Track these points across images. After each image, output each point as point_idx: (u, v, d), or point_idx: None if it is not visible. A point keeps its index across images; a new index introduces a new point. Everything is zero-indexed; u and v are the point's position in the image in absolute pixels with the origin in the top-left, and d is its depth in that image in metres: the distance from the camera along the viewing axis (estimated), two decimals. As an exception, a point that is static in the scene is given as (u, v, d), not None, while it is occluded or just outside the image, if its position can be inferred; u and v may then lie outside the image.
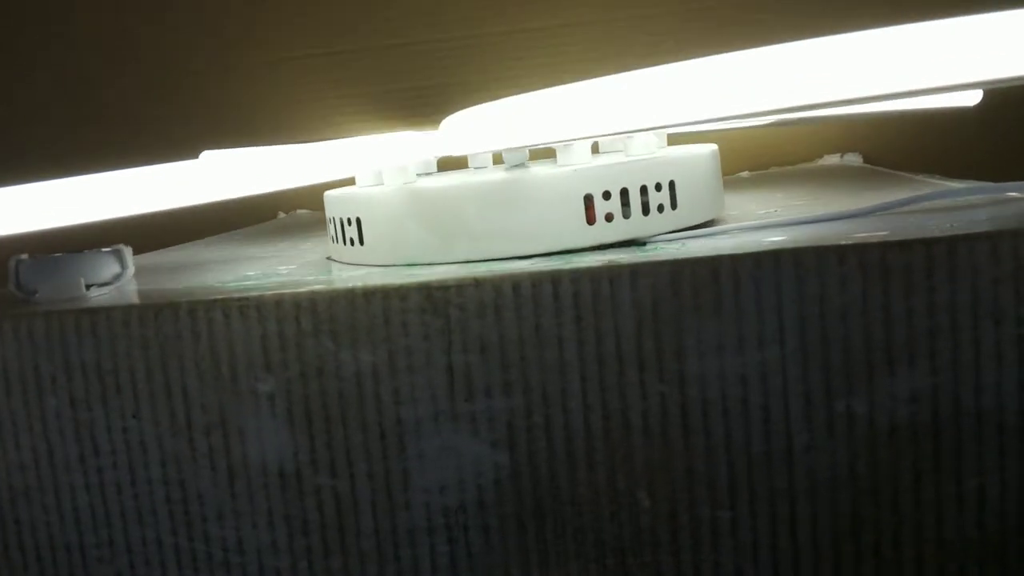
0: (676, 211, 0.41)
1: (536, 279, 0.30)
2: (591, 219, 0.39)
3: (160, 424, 0.32)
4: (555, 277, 0.30)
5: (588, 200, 0.39)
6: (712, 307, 0.29)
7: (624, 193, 0.39)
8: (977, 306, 0.28)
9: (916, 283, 0.28)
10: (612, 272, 0.29)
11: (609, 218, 0.39)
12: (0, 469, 0.34)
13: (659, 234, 0.39)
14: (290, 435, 0.31)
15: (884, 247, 0.28)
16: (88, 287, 0.36)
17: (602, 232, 0.39)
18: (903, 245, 0.28)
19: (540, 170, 0.37)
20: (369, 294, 0.30)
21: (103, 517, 0.33)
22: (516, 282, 0.30)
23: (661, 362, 0.29)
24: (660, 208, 0.40)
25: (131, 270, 0.38)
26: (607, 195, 0.39)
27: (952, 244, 0.28)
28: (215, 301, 0.31)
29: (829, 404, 0.29)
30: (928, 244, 0.28)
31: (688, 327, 0.29)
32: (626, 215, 0.39)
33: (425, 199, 0.36)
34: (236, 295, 0.31)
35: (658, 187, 0.40)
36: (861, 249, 0.28)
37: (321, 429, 0.31)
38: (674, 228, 0.41)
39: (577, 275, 0.29)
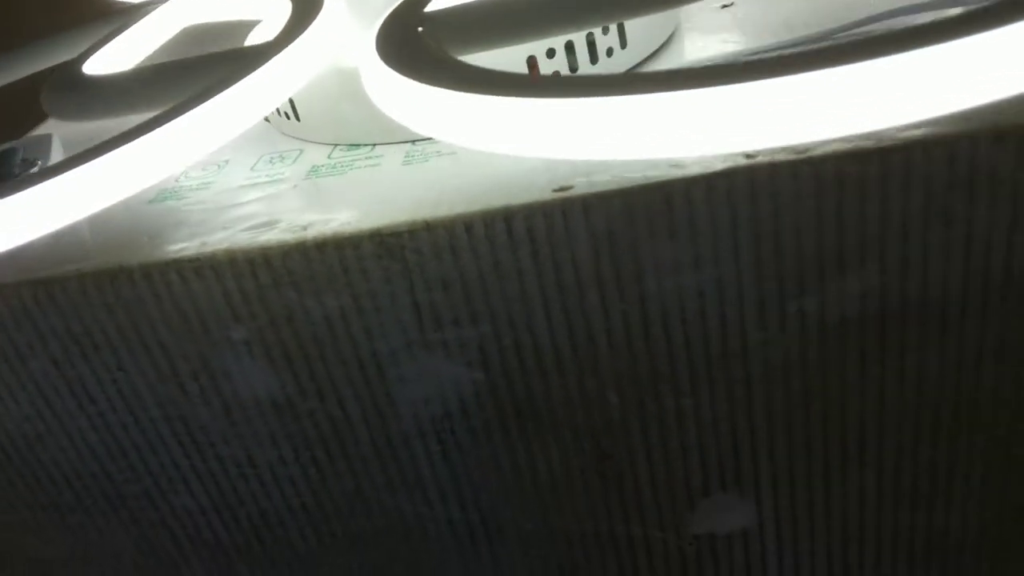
0: (627, 49, 0.38)
1: (488, 218, 0.29)
2: (536, 81, 0.36)
3: (147, 375, 0.33)
4: (507, 215, 0.29)
5: (531, 62, 0.36)
6: (667, 232, 0.29)
7: (569, 46, 0.36)
8: (929, 210, 0.28)
9: (870, 192, 0.27)
10: (564, 205, 0.29)
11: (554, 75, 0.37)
12: (8, 422, 0.35)
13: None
14: (274, 373, 0.33)
15: (839, 159, 0.27)
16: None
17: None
18: (859, 156, 0.27)
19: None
20: (320, 245, 0.30)
21: (118, 450, 0.36)
22: (468, 223, 0.29)
23: (620, 284, 0.30)
24: (609, 52, 0.37)
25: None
26: (551, 52, 0.36)
27: (909, 152, 0.27)
28: (168, 263, 0.31)
29: (782, 306, 0.30)
30: (884, 154, 0.27)
31: (644, 252, 0.29)
32: (573, 67, 0.37)
33: (356, 79, 0.34)
34: (187, 255, 0.31)
35: (605, 30, 0.37)
36: (817, 162, 0.27)
37: (302, 367, 0.33)
38: (627, 67, 0.39)
39: (530, 211, 0.29)
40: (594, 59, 0.37)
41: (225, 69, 0.31)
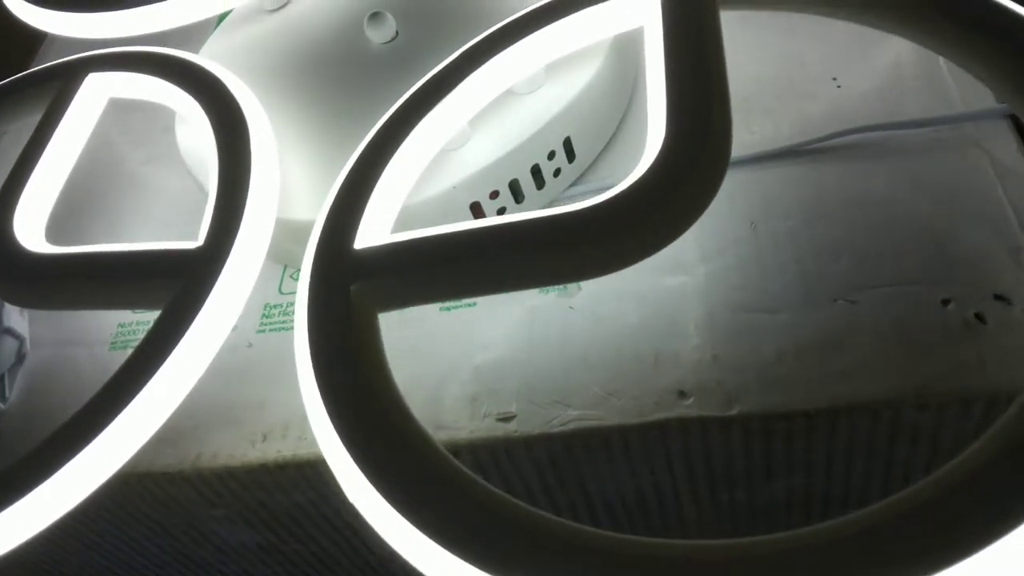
0: (574, 162, 0.36)
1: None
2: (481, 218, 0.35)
3: (148, 532, 0.37)
4: (455, 449, 0.30)
5: (475, 207, 0.35)
6: (606, 459, 0.30)
7: (514, 184, 0.35)
8: (853, 449, 0.29)
9: (797, 440, 0.29)
10: (508, 443, 0.30)
11: (502, 211, 0.36)
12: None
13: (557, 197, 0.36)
14: (255, 531, 0.36)
15: (767, 418, 0.28)
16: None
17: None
18: (787, 415, 0.28)
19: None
20: (282, 466, 0.32)
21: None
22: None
23: (565, 488, 0.32)
24: (557, 172, 0.36)
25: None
26: (495, 194, 0.35)
27: (835, 414, 0.28)
28: (143, 476, 0.33)
29: (714, 496, 0.32)
30: (811, 416, 0.28)
31: (585, 470, 0.31)
32: (519, 200, 0.36)
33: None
34: (158, 469, 0.33)
35: (551, 155, 0.35)
36: (745, 420, 0.28)
37: (280, 527, 0.36)
38: (573, 179, 0.37)
39: (474, 446, 0.30)
40: (540, 186, 0.36)
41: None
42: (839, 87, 0.37)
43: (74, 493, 0.28)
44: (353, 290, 0.28)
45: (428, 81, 0.33)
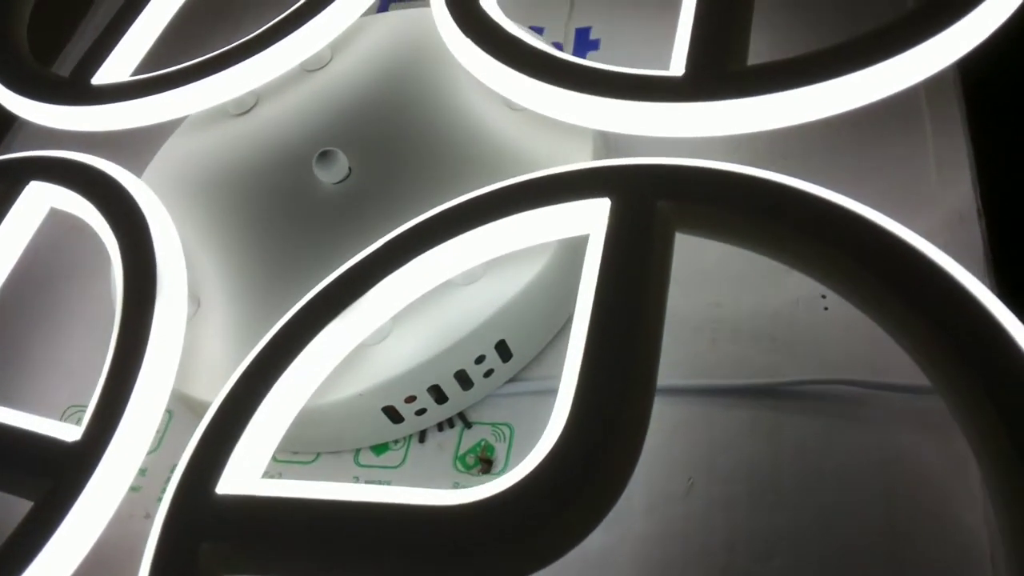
0: (510, 361, 0.33)
1: None
2: (398, 420, 0.32)
3: None
4: None
5: (390, 410, 0.32)
6: None
7: (435, 389, 0.32)
8: None
9: None
10: None
11: (421, 412, 0.32)
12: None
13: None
14: None
15: None
16: None
17: (413, 423, 0.32)
18: None
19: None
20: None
21: None
22: None
23: None
24: (488, 373, 0.32)
25: None
26: (410, 399, 0.31)
27: None
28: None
29: None
30: None
31: None
32: (442, 401, 0.32)
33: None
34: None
35: (480, 359, 0.31)
36: None
37: None
38: (510, 376, 0.33)
39: None
40: (467, 387, 0.32)
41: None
42: (826, 308, 0.32)
43: None
44: (204, 549, 0.25)
45: (347, 273, 0.29)
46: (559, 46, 0.44)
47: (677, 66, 0.31)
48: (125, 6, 0.42)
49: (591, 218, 0.28)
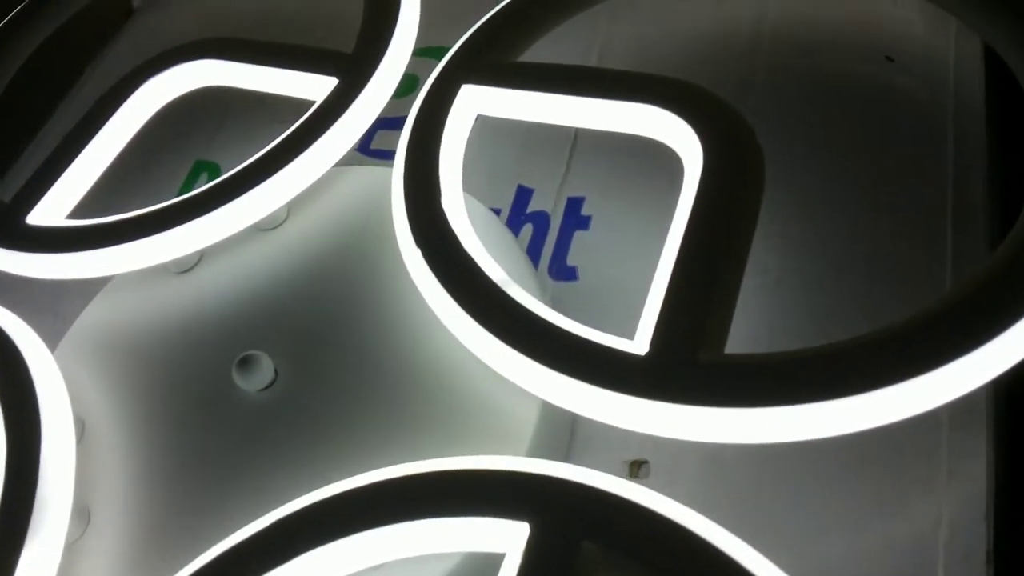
0: None
1: None
2: None
3: None
4: None
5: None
6: None
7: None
8: None
9: None
10: None
11: None
12: None
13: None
14: None
15: None
16: None
17: None
18: None
19: None
20: None
21: None
22: None
23: None
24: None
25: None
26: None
27: None
28: None
29: None
30: None
31: None
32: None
33: None
34: None
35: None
36: None
37: None
38: None
39: None
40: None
41: None
42: None
43: None
44: None
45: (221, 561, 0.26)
46: (546, 216, 0.40)
47: (642, 340, 0.26)
48: (71, 134, 0.38)
49: (508, 539, 0.24)
